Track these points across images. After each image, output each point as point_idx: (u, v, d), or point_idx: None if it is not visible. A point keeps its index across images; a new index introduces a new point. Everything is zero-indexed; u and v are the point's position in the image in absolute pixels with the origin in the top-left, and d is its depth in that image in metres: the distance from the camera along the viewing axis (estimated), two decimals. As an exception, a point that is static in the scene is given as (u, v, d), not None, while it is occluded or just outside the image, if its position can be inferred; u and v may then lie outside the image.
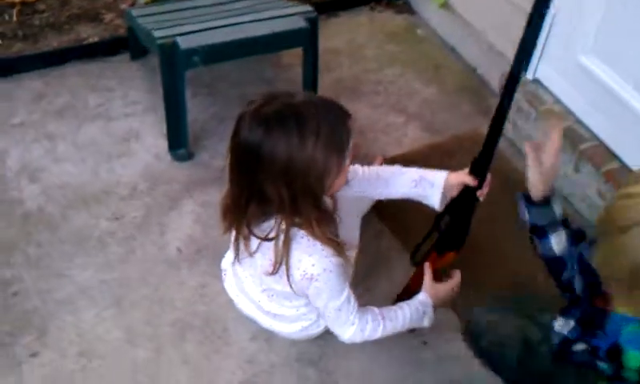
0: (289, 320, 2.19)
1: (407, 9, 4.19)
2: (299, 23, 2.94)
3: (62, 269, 2.59)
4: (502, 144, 2.78)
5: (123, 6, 3.87)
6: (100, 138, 3.15)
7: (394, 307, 2.08)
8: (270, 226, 1.85)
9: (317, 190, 1.76)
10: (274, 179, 1.72)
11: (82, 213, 2.83)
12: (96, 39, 3.63)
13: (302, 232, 1.81)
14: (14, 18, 3.75)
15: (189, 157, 3.09)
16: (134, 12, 3.22)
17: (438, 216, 2.17)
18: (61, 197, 2.88)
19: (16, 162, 3.01)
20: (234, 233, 1.99)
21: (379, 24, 4.08)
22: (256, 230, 1.87)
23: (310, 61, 3.09)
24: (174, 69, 2.80)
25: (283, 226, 1.81)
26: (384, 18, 4.13)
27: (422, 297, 2.11)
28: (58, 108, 3.28)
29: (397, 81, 3.61)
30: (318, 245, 1.81)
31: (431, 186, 2.13)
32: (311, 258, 1.82)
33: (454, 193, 2.11)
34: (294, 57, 3.46)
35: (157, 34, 2.83)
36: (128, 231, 2.77)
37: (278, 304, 2.14)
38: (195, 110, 3.27)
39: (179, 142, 3.06)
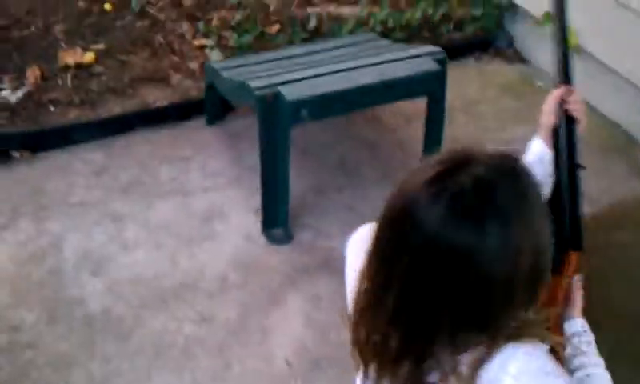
0: None
1: (519, 58, 3.60)
2: (429, 65, 2.34)
3: (138, 392, 1.95)
4: None
5: (192, 65, 3.34)
6: (176, 219, 2.55)
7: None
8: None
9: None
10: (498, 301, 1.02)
11: (159, 315, 2.20)
12: (165, 103, 3.07)
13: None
14: (69, 83, 3.22)
15: (288, 238, 2.45)
16: (217, 65, 2.66)
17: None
18: (131, 294, 2.26)
19: (75, 251, 2.41)
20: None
21: (489, 75, 3.48)
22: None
23: (438, 113, 2.48)
24: (277, 126, 2.21)
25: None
26: (494, 69, 3.53)
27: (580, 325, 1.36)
28: (123, 183, 2.70)
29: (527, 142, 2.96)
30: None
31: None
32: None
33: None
34: (395, 116, 2.89)
35: (254, 84, 2.25)
36: (220, 337, 2.13)
37: None
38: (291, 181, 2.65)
39: (276, 219, 2.44)
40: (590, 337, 1.31)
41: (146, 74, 3.32)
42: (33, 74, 3.27)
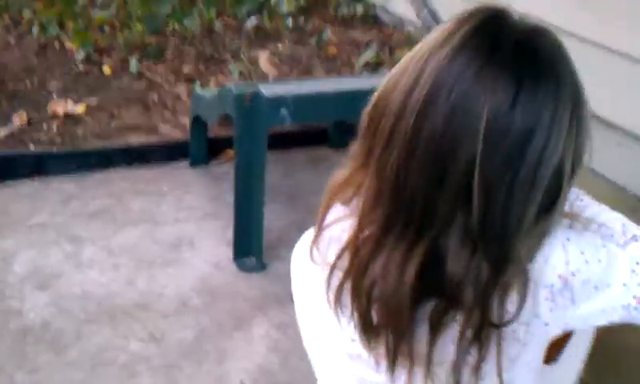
0: None
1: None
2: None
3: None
4: None
5: (184, 120, 3.22)
6: (140, 244, 2.33)
7: None
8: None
9: None
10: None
11: (104, 330, 1.93)
12: (148, 142, 2.93)
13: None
14: (54, 128, 3.11)
15: (261, 267, 2.20)
16: (203, 91, 2.54)
17: None
18: (78, 309, 2.00)
19: (24, 266, 2.17)
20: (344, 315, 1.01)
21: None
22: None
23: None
24: (254, 126, 2.03)
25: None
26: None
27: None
28: (91, 211, 2.50)
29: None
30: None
31: None
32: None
33: None
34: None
35: (235, 89, 2.10)
36: (171, 358, 1.85)
37: None
38: (271, 217, 2.42)
39: (249, 247, 2.21)
40: None
41: (134, 124, 3.21)
42: (19, 117, 3.17)
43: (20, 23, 4.25)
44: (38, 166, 2.70)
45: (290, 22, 4.10)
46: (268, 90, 2.05)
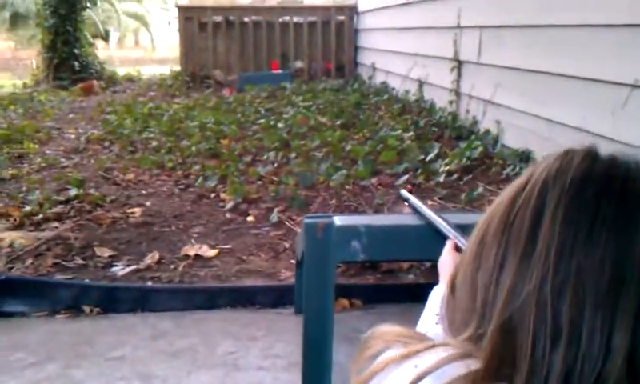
0: None
1: None
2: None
3: None
4: None
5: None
6: (210, 389, 2.07)
7: None
8: None
9: None
10: None
11: None
12: (255, 284, 2.75)
13: None
14: (180, 268, 3.07)
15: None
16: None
17: None
18: None
19: (82, 399, 2.01)
20: None
21: None
22: None
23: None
24: (323, 259, 1.75)
25: None
26: None
27: None
28: (175, 349, 2.32)
29: None
30: None
31: None
32: None
33: None
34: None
35: (309, 219, 1.86)
36: None
37: None
38: (343, 356, 2.04)
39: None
40: None
41: (257, 268, 3.07)
42: (152, 258, 3.20)
43: (188, 177, 4.49)
44: (141, 301, 2.62)
45: (443, 178, 3.85)
46: (343, 220, 1.78)
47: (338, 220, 1.78)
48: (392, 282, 2.83)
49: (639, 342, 0.61)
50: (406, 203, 1.85)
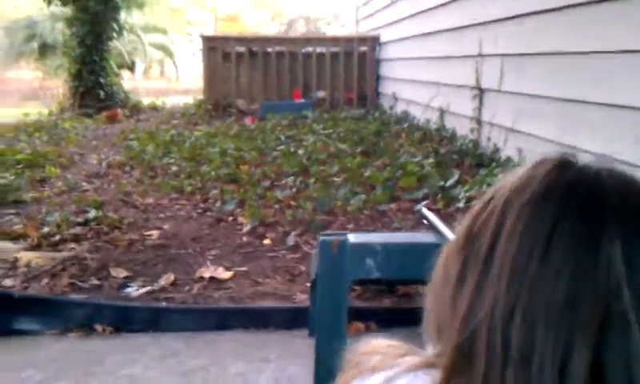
0: None
1: None
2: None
3: None
4: None
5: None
6: (218, 410, 2.02)
7: None
8: None
9: None
10: None
11: None
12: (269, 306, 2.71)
13: None
14: (194, 290, 3.04)
15: None
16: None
17: None
18: None
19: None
20: None
21: None
22: None
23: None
24: (337, 276, 1.71)
25: None
26: None
27: None
28: (186, 369, 2.28)
29: None
30: None
31: None
32: None
33: None
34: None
35: (324, 237, 1.83)
36: None
37: None
38: None
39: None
40: None
41: (272, 291, 3.03)
42: (167, 280, 3.18)
43: (207, 201, 4.49)
44: (154, 321, 2.60)
45: (462, 204, 3.80)
46: (358, 238, 1.75)
47: (353, 237, 1.74)
48: (407, 305, 2.77)
49: (608, 358, 0.56)
50: (424, 221, 1.80)
